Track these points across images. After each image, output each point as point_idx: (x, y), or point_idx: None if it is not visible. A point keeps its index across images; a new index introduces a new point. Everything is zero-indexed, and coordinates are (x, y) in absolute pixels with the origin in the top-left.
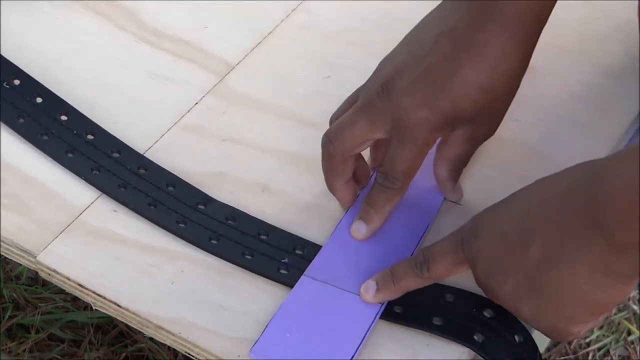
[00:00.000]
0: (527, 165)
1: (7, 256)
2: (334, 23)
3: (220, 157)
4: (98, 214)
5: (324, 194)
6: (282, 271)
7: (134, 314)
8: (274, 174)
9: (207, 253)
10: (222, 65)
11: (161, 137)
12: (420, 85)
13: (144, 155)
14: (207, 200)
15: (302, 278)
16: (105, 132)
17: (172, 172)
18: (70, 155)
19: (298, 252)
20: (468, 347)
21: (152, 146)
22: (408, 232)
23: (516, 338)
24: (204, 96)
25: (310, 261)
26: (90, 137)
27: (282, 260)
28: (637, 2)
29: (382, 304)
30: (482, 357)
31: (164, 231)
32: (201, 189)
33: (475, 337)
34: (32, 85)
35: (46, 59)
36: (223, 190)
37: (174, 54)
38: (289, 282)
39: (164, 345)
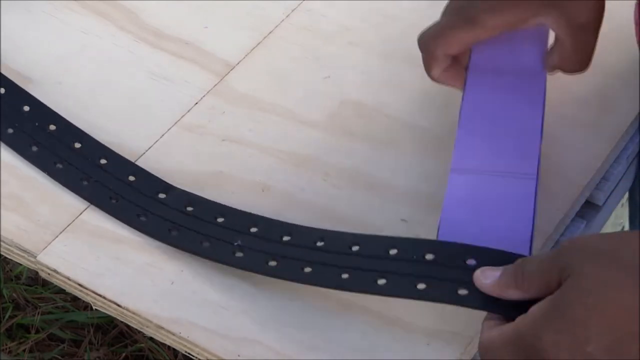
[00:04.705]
0: None
1: (7, 256)
2: (334, 23)
3: (220, 157)
4: (98, 214)
5: (324, 194)
6: (238, 254)
7: (134, 313)
8: (274, 174)
9: None
10: (222, 65)
11: (161, 136)
12: None
13: (144, 155)
14: (195, 201)
15: (450, 175)
16: (93, 140)
17: (172, 171)
18: (59, 165)
19: (253, 230)
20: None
21: (152, 146)
22: (528, 102)
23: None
24: (204, 96)
25: (267, 239)
26: (77, 145)
27: (236, 243)
28: (637, 2)
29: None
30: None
31: None
32: (201, 189)
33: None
34: (18, 94)
35: (46, 59)
36: (223, 190)
37: (174, 54)
38: (245, 266)
39: (164, 345)
